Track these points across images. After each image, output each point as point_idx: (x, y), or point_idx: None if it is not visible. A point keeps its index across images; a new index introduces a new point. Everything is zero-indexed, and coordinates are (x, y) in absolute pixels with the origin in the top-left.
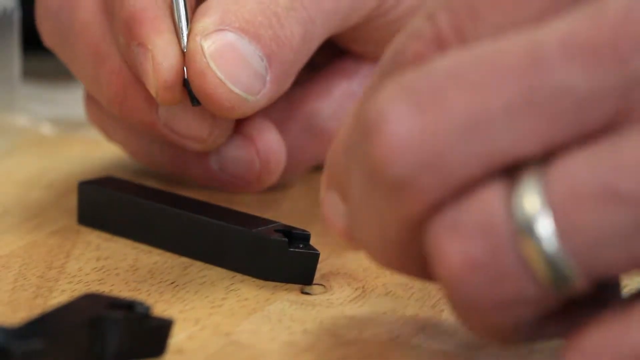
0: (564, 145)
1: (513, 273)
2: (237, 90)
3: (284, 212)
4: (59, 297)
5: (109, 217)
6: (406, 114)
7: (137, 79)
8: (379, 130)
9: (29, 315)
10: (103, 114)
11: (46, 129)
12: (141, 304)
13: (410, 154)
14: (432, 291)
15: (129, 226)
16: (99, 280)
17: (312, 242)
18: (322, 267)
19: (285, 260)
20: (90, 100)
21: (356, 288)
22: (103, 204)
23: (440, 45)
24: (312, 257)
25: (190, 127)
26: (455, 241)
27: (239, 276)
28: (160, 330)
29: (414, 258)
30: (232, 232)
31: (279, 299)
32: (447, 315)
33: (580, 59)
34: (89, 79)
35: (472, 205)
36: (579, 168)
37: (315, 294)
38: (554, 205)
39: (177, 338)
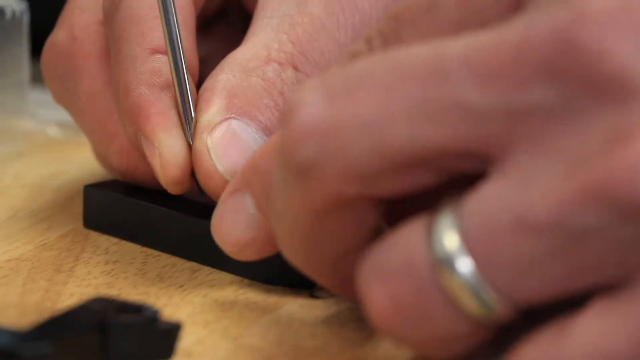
0: (466, 159)
1: (439, 310)
2: None
3: None
4: (67, 300)
5: (114, 220)
6: (317, 102)
7: (145, 158)
8: (292, 115)
9: (37, 319)
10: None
11: (54, 133)
12: (150, 307)
13: (315, 138)
14: None
15: (134, 229)
16: (108, 283)
17: None
18: None
19: (289, 263)
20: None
21: None
22: (108, 207)
23: None
24: None
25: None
26: (380, 284)
27: (247, 280)
28: (168, 333)
29: (327, 264)
30: None
31: (288, 302)
32: None
33: (476, 75)
34: (98, 148)
35: (394, 245)
36: (490, 201)
37: (324, 297)
38: (470, 240)
39: (186, 341)
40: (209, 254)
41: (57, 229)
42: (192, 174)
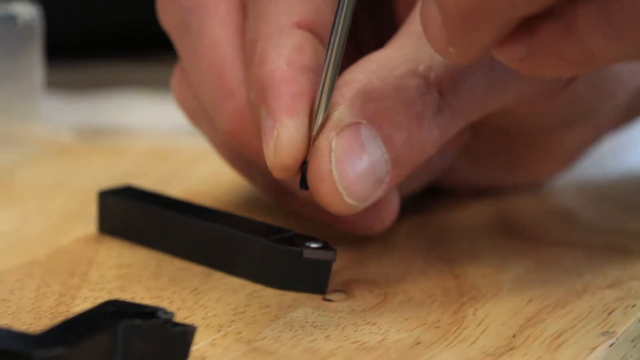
0: None
1: None
2: (350, 202)
3: (306, 220)
4: (81, 304)
5: (128, 226)
6: None
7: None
8: None
9: (51, 323)
10: (196, 104)
11: (67, 138)
12: (163, 310)
13: None
14: (454, 297)
15: (148, 235)
16: (121, 287)
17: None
18: (343, 274)
19: (299, 269)
20: (182, 80)
21: (378, 295)
22: (122, 214)
23: None
24: (325, 264)
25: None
26: None
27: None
28: (182, 337)
29: None
30: (245, 240)
31: (301, 305)
32: (469, 322)
33: None
34: (209, 101)
35: None
36: None
37: (337, 301)
38: None
39: (200, 345)
40: (221, 260)
41: (70, 234)
42: (302, 166)
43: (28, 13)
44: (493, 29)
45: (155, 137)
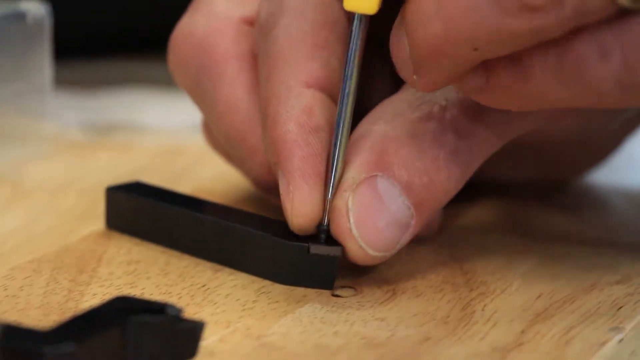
0: None
1: None
2: (376, 254)
3: None
4: (90, 300)
5: (136, 222)
6: None
7: None
8: None
9: (60, 319)
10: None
11: (76, 135)
12: (172, 307)
13: None
14: (463, 293)
15: (156, 231)
16: (130, 283)
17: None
18: (352, 270)
19: (306, 264)
20: (208, 130)
21: (387, 290)
22: (130, 210)
23: None
24: (333, 259)
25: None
26: None
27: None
28: (191, 333)
29: None
30: (254, 236)
31: (310, 301)
32: (478, 318)
33: None
34: (237, 158)
35: None
36: None
37: (346, 297)
38: None
39: (209, 341)
40: (230, 256)
41: (79, 231)
42: (319, 228)
43: (37, 11)
44: (455, 65)
45: (164, 135)
